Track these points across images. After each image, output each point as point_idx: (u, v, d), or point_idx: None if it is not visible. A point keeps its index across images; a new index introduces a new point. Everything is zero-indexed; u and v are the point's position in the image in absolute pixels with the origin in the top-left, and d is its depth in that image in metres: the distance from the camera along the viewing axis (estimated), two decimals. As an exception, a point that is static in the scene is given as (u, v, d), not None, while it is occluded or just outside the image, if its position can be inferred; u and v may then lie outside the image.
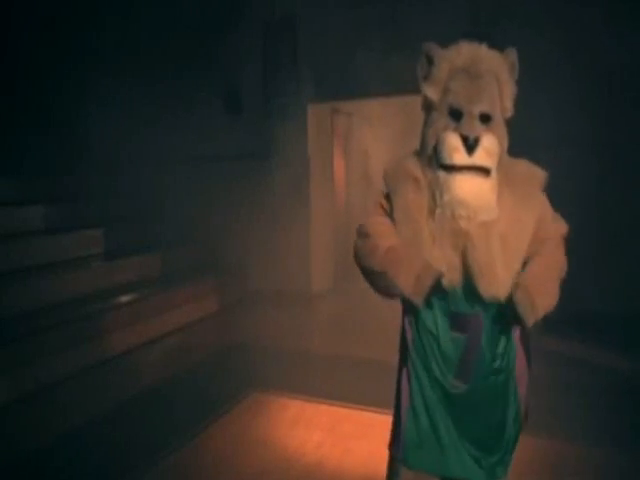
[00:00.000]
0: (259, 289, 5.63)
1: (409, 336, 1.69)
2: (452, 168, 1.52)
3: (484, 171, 1.52)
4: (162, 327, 4.18)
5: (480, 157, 1.51)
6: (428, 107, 1.65)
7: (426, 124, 1.65)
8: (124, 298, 4.13)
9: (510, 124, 1.67)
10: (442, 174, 1.54)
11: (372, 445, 2.74)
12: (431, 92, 1.61)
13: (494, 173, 1.55)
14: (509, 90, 1.63)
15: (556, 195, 1.75)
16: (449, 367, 1.61)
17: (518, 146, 1.74)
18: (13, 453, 2.76)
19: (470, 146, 1.50)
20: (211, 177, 5.82)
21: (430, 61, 1.62)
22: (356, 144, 6.99)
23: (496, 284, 1.52)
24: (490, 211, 1.53)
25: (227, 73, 5.78)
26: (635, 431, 2.84)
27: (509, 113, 1.65)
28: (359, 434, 2.92)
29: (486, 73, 1.57)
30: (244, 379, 3.66)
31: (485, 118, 1.55)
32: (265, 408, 3.31)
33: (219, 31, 5.70)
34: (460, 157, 1.51)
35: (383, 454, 1.84)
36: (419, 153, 1.67)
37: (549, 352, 3.82)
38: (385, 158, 6.94)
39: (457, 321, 1.60)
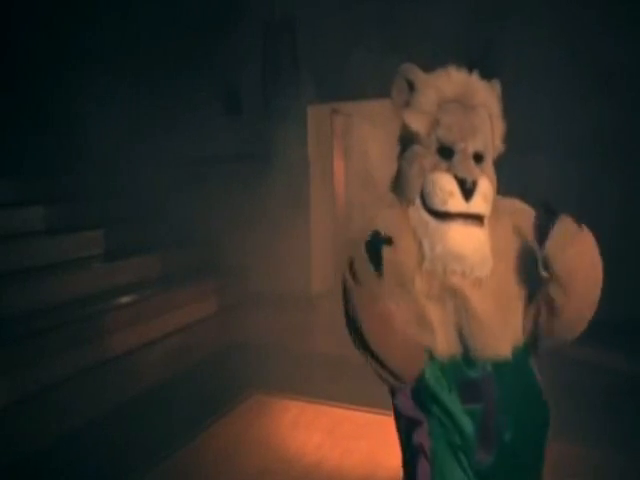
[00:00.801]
0: (259, 290, 5.63)
1: (423, 424, 1.39)
2: (446, 215, 1.30)
3: (479, 219, 1.31)
4: (162, 328, 4.18)
5: (477, 204, 1.30)
6: (408, 139, 1.42)
7: (405, 159, 1.41)
8: (124, 299, 4.12)
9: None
10: (432, 222, 1.31)
11: (371, 446, 2.75)
12: (416, 123, 1.38)
13: (487, 221, 1.34)
14: (499, 126, 1.43)
15: (555, 197, 1.73)
16: (470, 443, 1.35)
17: (518, 146, 1.71)
18: (13, 454, 2.76)
19: (468, 190, 1.28)
20: (211, 178, 5.81)
21: (411, 86, 1.39)
22: (356, 145, 6.98)
23: (496, 344, 1.33)
24: (486, 265, 1.32)
25: (227, 74, 5.77)
26: (635, 432, 2.85)
27: (497, 152, 1.44)
28: (359, 435, 2.93)
29: (480, 106, 1.37)
30: (245, 380, 3.67)
31: (478, 158, 1.34)
32: (266, 409, 3.31)
33: (219, 31, 5.70)
34: (456, 203, 1.29)
35: (382, 454, 1.84)
36: (394, 190, 1.43)
37: (549, 353, 3.81)
38: (385, 159, 6.94)
39: (467, 390, 1.35)
